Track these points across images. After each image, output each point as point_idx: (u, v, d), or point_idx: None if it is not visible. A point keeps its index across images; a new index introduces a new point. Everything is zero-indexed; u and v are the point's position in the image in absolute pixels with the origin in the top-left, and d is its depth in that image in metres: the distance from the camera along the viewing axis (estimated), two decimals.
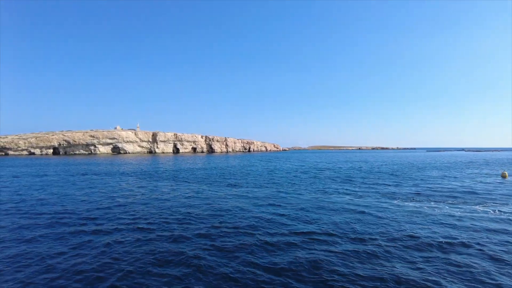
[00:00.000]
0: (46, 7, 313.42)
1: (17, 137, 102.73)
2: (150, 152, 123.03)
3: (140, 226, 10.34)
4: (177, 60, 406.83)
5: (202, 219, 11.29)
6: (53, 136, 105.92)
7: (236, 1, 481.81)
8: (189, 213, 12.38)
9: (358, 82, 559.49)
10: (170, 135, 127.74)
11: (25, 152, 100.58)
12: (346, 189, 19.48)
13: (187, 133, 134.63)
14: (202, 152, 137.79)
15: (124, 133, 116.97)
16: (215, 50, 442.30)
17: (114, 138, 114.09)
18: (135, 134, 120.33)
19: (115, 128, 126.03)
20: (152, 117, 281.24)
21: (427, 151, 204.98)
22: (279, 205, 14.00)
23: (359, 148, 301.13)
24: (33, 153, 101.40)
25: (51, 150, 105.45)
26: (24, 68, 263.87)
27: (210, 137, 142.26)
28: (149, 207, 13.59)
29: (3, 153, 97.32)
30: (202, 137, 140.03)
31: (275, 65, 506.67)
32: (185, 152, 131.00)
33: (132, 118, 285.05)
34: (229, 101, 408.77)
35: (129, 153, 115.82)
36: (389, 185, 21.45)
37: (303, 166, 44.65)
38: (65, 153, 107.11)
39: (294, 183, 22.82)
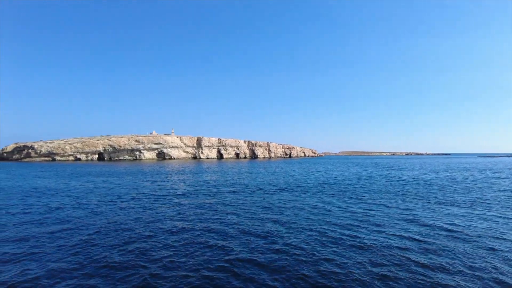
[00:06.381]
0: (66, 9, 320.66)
1: (63, 142, 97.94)
2: (195, 157, 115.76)
3: None
4: (198, 64, 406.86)
5: None
6: (98, 141, 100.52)
7: (275, 5, 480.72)
8: None
9: (381, 86, 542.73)
10: (214, 140, 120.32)
11: (71, 158, 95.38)
12: None
13: (230, 138, 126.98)
14: (245, 157, 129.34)
15: (169, 138, 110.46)
16: (237, 55, 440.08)
17: (159, 143, 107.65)
18: (180, 139, 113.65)
19: (151, 133, 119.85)
20: (178, 121, 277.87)
21: (478, 156, 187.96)
22: None
23: (393, 154, 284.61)
24: (79, 159, 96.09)
25: (96, 156, 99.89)
26: (29, 72, 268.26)
27: (252, 142, 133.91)
28: None
29: (50, 159, 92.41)
30: (245, 142, 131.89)
31: (300, 70, 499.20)
32: (229, 158, 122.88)
33: (164, 123, 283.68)
34: (253, 105, 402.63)
35: (174, 158, 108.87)
36: None
37: (428, 176, 34.29)
38: (110, 158, 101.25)
39: None
